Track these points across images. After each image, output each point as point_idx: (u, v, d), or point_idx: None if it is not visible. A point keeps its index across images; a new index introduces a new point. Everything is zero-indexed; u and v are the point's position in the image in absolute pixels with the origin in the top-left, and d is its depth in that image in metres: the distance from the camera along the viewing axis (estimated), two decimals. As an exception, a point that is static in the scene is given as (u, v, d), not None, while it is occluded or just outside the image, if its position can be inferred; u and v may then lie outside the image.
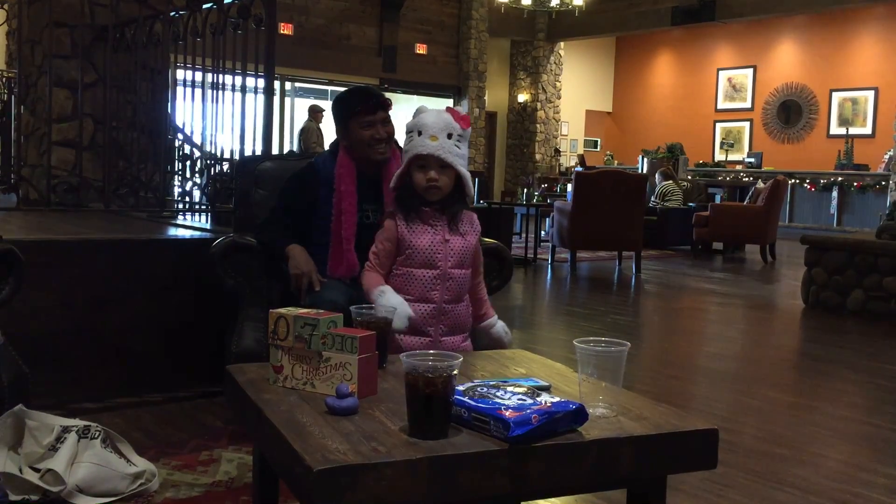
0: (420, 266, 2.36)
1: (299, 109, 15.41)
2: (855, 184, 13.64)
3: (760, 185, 11.10)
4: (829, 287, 6.30)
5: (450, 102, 16.79)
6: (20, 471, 2.25)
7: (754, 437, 3.20)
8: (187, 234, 3.99)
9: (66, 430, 2.34)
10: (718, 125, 18.13)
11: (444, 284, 2.37)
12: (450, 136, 2.33)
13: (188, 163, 4.56)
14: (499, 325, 2.57)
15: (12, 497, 2.16)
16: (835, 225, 13.59)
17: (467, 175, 2.37)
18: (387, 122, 2.80)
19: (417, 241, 2.35)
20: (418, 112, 2.38)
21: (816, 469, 2.87)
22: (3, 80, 8.03)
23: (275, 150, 4.11)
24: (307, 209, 2.87)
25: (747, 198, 11.21)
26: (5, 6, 4.22)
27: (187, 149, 4.72)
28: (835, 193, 13.82)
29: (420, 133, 2.32)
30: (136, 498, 2.33)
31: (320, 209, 2.82)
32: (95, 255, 3.34)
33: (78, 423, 2.39)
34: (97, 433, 2.37)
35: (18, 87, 5.66)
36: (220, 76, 4.09)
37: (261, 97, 4.00)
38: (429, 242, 2.36)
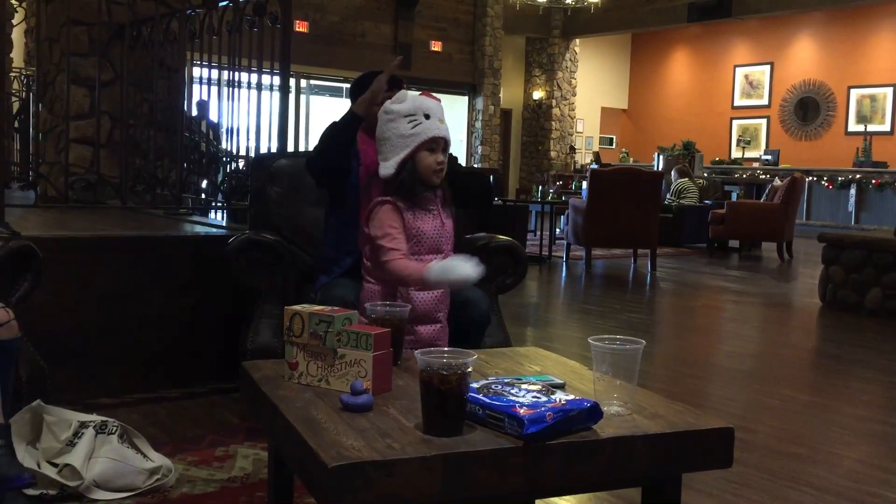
0: (429, 252, 2.36)
1: (314, 107, 15.44)
2: (873, 181, 13.52)
3: (777, 182, 11.02)
4: (847, 285, 6.25)
5: (465, 99, 16.80)
6: (38, 465, 2.27)
7: (770, 436, 3.18)
8: (203, 230, 4.00)
9: (83, 425, 2.35)
10: (735, 122, 18.02)
11: None
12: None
13: (204, 160, 4.58)
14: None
15: (30, 492, 2.18)
16: (853, 223, 13.47)
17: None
18: None
19: (423, 226, 2.35)
20: (405, 97, 2.38)
21: (833, 468, 2.85)
22: (22, 77, 8.09)
23: (290, 148, 4.12)
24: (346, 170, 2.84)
25: (764, 195, 11.14)
26: (23, 4, 4.25)
27: (203, 146, 4.75)
28: (853, 191, 13.71)
29: (428, 116, 2.33)
30: (153, 493, 2.34)
31: (352, 180, 2.81)
32: (112, 251, 3.37)
33: (95, 418, 2.41)
34: (114, 428, 2.39)
35: (36, 84, 5.69)
36: (236, 74, 4.10)
37: (276, 94, 4.01)
38: (433, 227, 2.36)
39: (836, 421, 3.49)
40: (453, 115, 16.95)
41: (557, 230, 10.45)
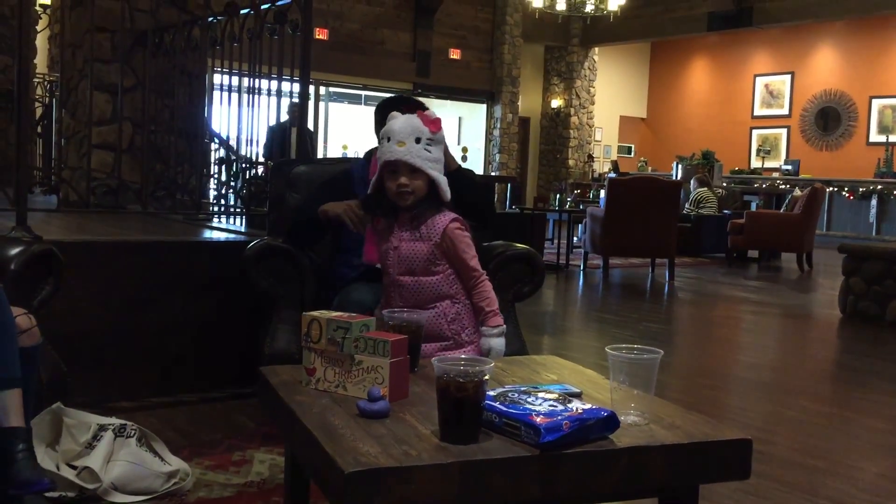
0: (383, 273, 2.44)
1: (333, 114, 15.51)
2: (895, 192, 13.41)
3: (797, 192, 10.94)
4: (868, 297, 6.20)
5: (483, 108, 16.80)
6: (57, 468, 2.29)
7: (789, 448, 3.16)
8: (222, 236, 4.03)
9: (102, 428, 2.37)
10: (755, 132, 17.91)
11: (397, 292, 2.38)
12: (418, 140, 2.30)
13: (224, 166, 4.62)
14: (484, 341, 2.37)
15: (49, 494, 2.20)
16: (874, 234, 13.35)
17: (440, 179, 2.33)
18: None
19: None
20: (390, 118, 2.37)
21: (852, 481, 2.82)
22: (45, 83, 8.18)
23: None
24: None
25: (784, 205, 11.06)
26: (48, 11, 4.31)
27: (223, 152, 4.78)
28: (874, 202, 13.59)
29: (389, 139, 2.31)
30: (170, 497, 2.35)
31: None
32: (132, 256, 3.40)
33: (114, 421, 2.43)
34: (133, 432, 2.41)
35: (60, 90, 5.76)
36: (257, 81, 4.14)
37: (296, 101, 4.03)
38: (380, 250, 2.40)
39: (856, 434, 3.45)
40: (471, 123, 16.96)
41: (575, 239, 10.42)
